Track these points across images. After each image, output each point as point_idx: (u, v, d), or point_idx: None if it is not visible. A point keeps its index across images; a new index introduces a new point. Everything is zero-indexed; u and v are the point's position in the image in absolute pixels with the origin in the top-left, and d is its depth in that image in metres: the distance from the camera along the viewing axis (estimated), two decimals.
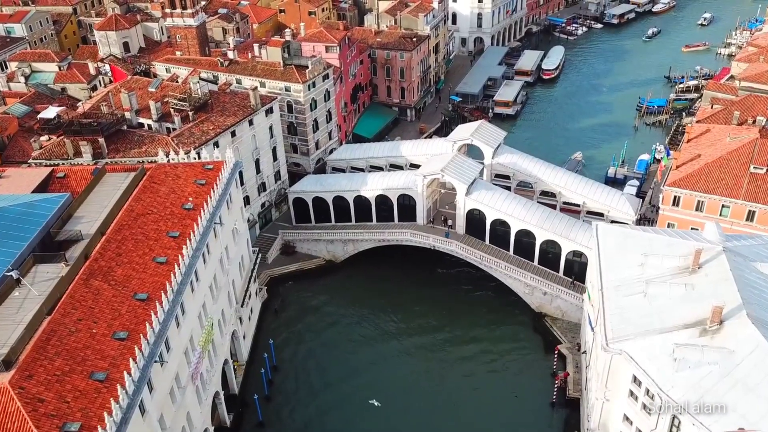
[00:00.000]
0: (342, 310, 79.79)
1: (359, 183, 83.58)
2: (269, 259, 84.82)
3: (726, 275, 52.62)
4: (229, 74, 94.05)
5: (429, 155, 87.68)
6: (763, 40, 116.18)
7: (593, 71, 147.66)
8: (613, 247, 61.08)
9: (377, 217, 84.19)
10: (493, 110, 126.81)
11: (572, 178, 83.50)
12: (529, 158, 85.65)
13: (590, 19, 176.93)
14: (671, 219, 78.18)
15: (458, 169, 78.52)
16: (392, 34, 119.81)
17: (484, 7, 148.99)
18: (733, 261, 54.30)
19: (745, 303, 49.12)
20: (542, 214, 76.43)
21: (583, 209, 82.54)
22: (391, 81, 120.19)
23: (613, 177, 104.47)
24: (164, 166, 63.63)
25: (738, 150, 77.30)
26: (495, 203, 76.89)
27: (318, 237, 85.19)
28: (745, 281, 52.18)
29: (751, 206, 73.69)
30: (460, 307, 79.26)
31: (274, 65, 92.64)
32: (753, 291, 51.41)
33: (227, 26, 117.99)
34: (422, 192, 79.70)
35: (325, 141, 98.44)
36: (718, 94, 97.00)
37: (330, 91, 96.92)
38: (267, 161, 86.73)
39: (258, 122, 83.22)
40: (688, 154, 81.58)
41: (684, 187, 76.05)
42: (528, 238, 76.62)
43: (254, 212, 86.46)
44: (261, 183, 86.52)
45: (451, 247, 78.69)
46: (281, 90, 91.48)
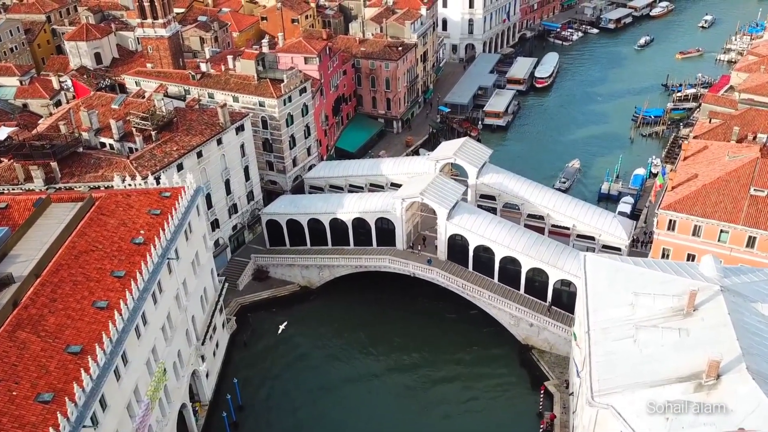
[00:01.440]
0: (315, 343, 74.90)
1: (335, 205, 78.75)
2: (240, 286, 79.99)
3: (724, 319, 47.81)
4: (200, 88, 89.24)
5: (411, 174, 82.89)
6: (763, 48, 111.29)
7: (588, 79, 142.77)
8: (601, 283, 56.29)
9: (355, 241, 79.41)
10: (483, 121, 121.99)
11: (561, 199, 78.59)
12: (515, 178, 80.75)
13: (586, 24, 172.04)
14: (666, 244, 73.42)
15: (439, 192, 73.67)
16: (377, 42, 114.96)
17: (476, 13, 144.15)
18: (731, 303, 49.46)
19: (745, 354, 44.31)
20: (528, 240, 71.57)
21: (573, 232, 77.69)
22: (376, 92, 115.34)
23: (607, 193, 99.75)
24: (116, 195, 58.79)
25: (737, 170, 72.49)
26: (478, 228, 72.03)
27: (292, 262, 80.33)
28: (745, 327, 47.33)
29: (752, 232, 68.89)
30: (442, 338, 74.41)
31: (248, 78, 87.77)
32: (753, 338, 46.55)
33: (205, 35, 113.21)
34: (401, 216, 74.86)
35: (303, 157, 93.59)
36: (716, 108, 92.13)
37: (308, 105, 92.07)
38: (238, 181, 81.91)
39: (228, 141, 78.39)
40: (684, 173, 76.69)
41: (680, 210, 71.25)
42: (513, 266, 71.79)
43: (225, 235, 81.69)
44: (232, 204, 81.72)
45: (431, 274, 73.83)
46: (255, 105, 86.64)
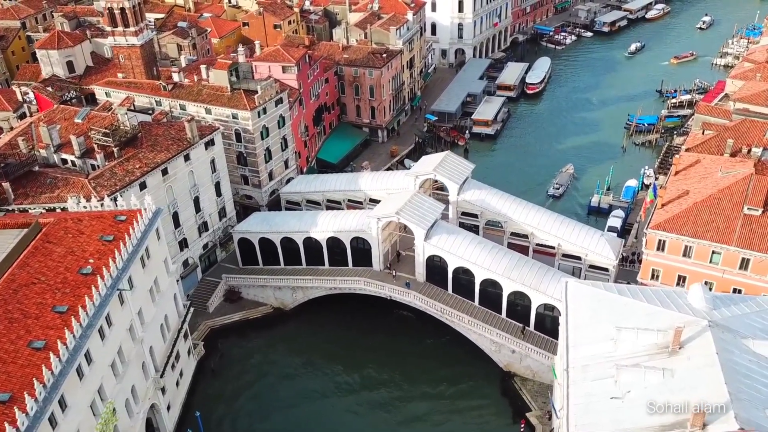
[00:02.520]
0: (287, 369, 71.28)
1: (309, 223, 75.13)
2: (210, 308, 76.39)
3: (711, 359, 44.19)
4: (172, 99, 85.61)
5: (390, 190, 79.25)
6: (759, 54, 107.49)
7: (581, 84, 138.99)
8: (583, 314, 52.67)
9: (330, 261, 75.82)
10: (471, 130, 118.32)
11: (546, 217, 74.90)
12: (498, 194, 77.09)
13: (580, 27, 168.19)
14: (656, 265, 69.93)
15: (416, 211, 70.05)
16: (361, 49, 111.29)
17: (465, 17, 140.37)
18: (720, 340, 45.84)
19: (734, 399, 40.68)
20: (510, 261, 67.92)
21: (559, 252, 74.07)
22: (360, 100, 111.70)
23: (597, 206, 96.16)
24: (65, 221, 55.15)
25: (730, 187, 68.91)
26: (457, 249, 68.40)
27: (264, 283, 76.70)
28: (734, 368, 43.68)
29: (745, 254, 65.29)
30: (420, 363, 70.84)
31: (221, 89, 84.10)
32: (743, 381, 42.90)
33: (182, 42, 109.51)
34: (377, 235, 71.24)
35: (280, 171, 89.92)
36: (709, 119, 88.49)
37: (285, 116, 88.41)
38: (209, 198, 78.27)
39: (196, 156, 74.75)
40: (675, 189, 73.12)
41: (669, 230, 67.70)
42: (494, 289, 68.19)
43: (195, 255, 78.06)
44: (202, 222, 78.10)
45: (408, 298, 70.21)
46: (228, 117, 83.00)
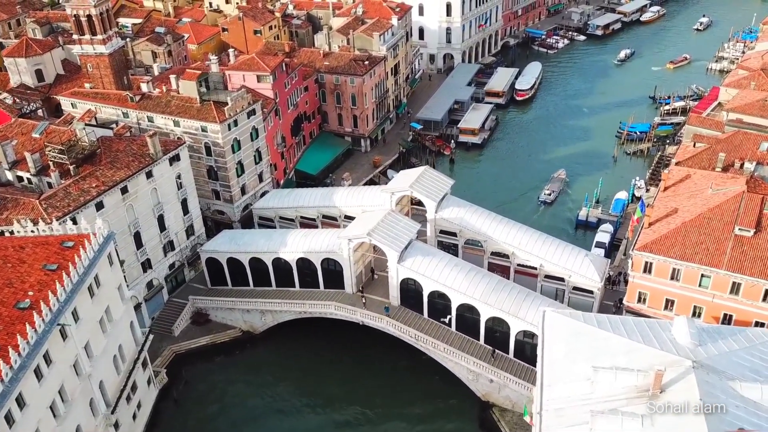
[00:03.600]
0: (255, 399, 67.60)
1: (277, 243, 71.45)
2: (176, 331, 72.72)
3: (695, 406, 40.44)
4: (140, 111, 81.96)
5: (365, 207, 75.61)
6: (754, 61, 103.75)
7: (572, 90, 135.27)
8: (559, 350, 49.01)
9: (300, 283, 72.19)
10: (457, 139, 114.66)
11: (527, 236, 71.17)
12: (478, 212, 73.38)
13: (572, 31, 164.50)
14: (643, 288, 66.44)
15: (390, 231, 66.39)
16: (342, 56, 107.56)
17: (453, 21, 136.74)
18: (704, 384, 42.13)
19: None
20: (488, 285, 64.21)
21: (541, 273, 70.40)
22: (342, 108, 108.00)
23: (585, 220, 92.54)
24: (5, 248, 51.48)
25: (721, 206, 65.34)
26: (432, 272, 64.72)
27: (232, 305, 73.05)
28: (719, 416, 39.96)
29: (736, 278, 61.62)
30: (394, 393, 67.20)
31: (191, 101, 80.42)
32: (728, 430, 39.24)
33: (157, 49, 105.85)
34: (349, 257, 67.57)
35: (254, 184, 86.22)
36: (701, 130, 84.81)
37: (258, 128, 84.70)
38: (175, 216, 74.58)
39: (160, 173, 71.05)
40: (663, 207, 69.53)
41: (656, 252, 64.13)
42: (472, 314, 64.53)
43: (160, 276, 74.38)
44: (168, 241, 74.41)
45: (381, 323, 66.52)
46: (197, 130, 79.36)
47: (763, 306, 61.57)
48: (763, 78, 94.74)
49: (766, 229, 62.86)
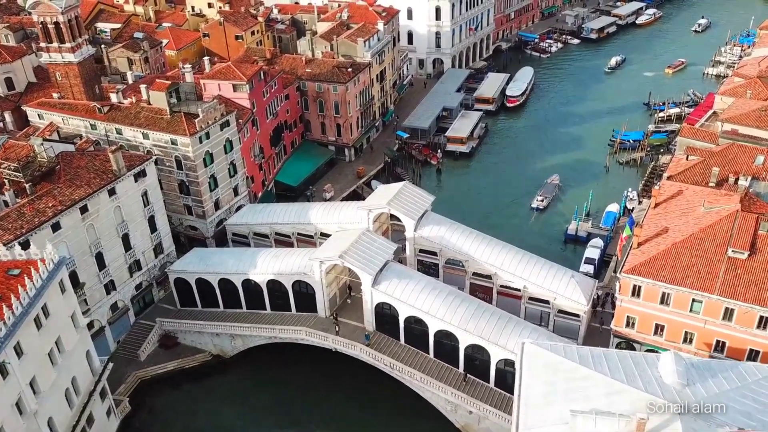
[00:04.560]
0: (223, 429, 63.97)
1: (247, 264, 67.92)
2: (142, 355, 69.15)
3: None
4: (108, 123, 78.47)
5: (341, 224, 72.18)
6: (751, 68, 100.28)
7: (565, 96, 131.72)
8: (537, 389, 45.50)
9: (271, 305, 68.71)
10: (444, 147, 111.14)
11: (511, 255, 67.67)
12: (460, 230, 69.88)
13: (566, 34, 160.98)
14: (631, 312, 63.16)
15: (364, 253, 62.86)
16: (325, 63, 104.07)
17: (443, 26, 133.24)
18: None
19: None
20: (467, 310, 60.66)
21: (525, 295, 66.94)
22: (325, 117, 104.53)
23: (575, 235, 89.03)
24: None
25: (713, 226, 61.93)
26: (408, 296, 61.20)
27: (201, 329, 69.53)
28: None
29: (729, 303, 58.14)
30: (370, 421, 63.65)
31: (161, 112, 76.93)
32: None
33: (133, 56, 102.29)
34: (321, 279, 64.08)
35: (228, 199, 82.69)
36: (694, 142, 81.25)
37: (233, 140, 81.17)
38: (141, 234, 71.06)
39: (124, 190, 67.55)
40: (653, 225, 66.20)
41: (645, 275, 60.73)
42: (450, 341, 61.00)
43: (125, 297, 70.87)
44: (134, 261, 70.91)
45: (354, 351, 62.98)
46: (167, 143, 75.87)
47: (758, 333, 58.13)
48: (760, 86, 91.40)
49: (761, 251, 59.47)
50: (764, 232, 60.13)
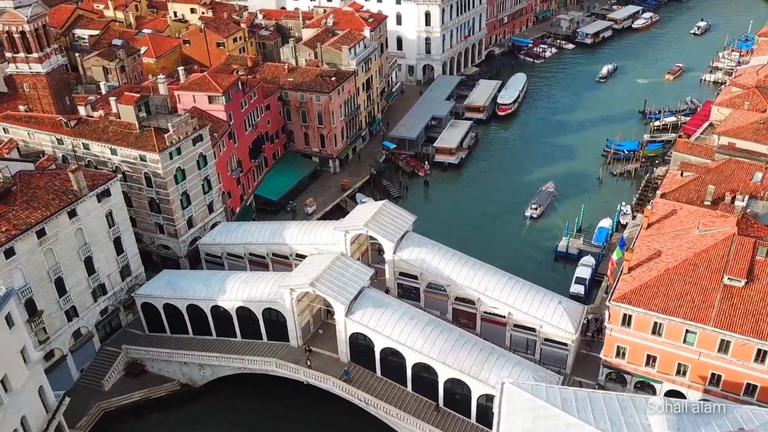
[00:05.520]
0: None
1: (216, 289, 64.28)
2: (107, 385, 65.47)
3: None
4: (75, 138, 74.87)
5: (317, 245, 68.64)
6: (749, 77, 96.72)
7: (558, 104, 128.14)
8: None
9: (242, 332, 65.10)
10: (433, 158, 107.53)
11: (495, 280, 64.01)
12: (442, 252, 66.21)
13: (561, 39, 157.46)
14: (621, 342, 59.74)
15: (337, 280, 59.21)
16: (308, 71, 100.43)
17: (433, 31, 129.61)
18: None
19: None
20: (447, 341, 56.98)
21: (510, 321, 63.37)
22: (308, 127, 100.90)
23: (565, 252, 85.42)
24: None
25: (708, 251, 58.47)
26: (384, 326, 57.57)
27: (168, 357, 65.87)
28: None
29: (725, 335, 54.60)
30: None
31: (130, 126, 73.31)
32: None
33: (108, 65, 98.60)
34: (292, 308, 60.45)
35: (203, 216, 79.04)
36: (689, 158, 77.66)
37: (207, 154, 77.54)
38: (106, 257, 67.39)
39: (85, 211, 63.87)
40: (645, 248, 62.72)
41: (636, 303, 57.33)
42: (429, 374, 57.35)
43: (89, 323, 67.17)
44: (98, 285, 67.20)
45: (327, 385, 59.33)
46: (136, 159, 72.25)
47: (756, 367, 54.61)
48: (758, 97, 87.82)
49: (759, 279, 55.99)
50: (762, 258, 56.75)
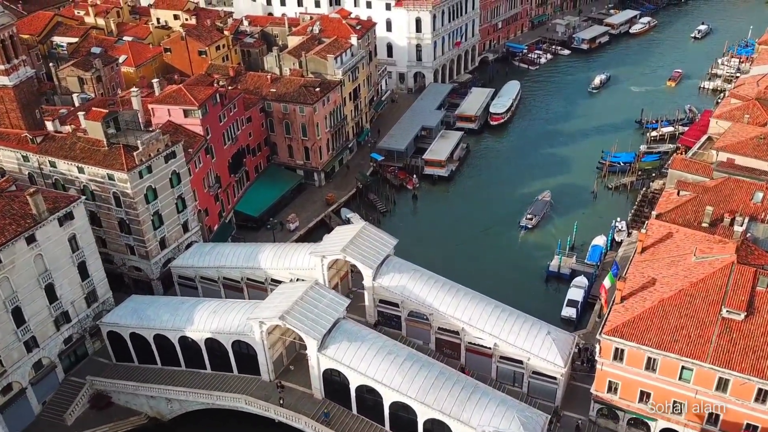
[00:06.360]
0: None
1: (184, 319, 60.63)
2: (69, 419, 61.77)
3: None
4: (41, 155, 71.27)
5: (293, 270, 65.07)
6: (749, 88, 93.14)
7: (552, 113, 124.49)
8: None
9: (211, 364, 61.48)
10: (422, 171, 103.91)
11: (480, 309, 60.31)
12: (424, 278, 62.55)
13: (556, 45, 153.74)
14: (613, 377, 56.18)
15: (309, 312, 55.52)
16: (292, 81, 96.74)
17: (424, 38, 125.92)
18: None
19: None
20: (427, 380, 53.23)
21: (496, 353, 59.74)
22: (292, 139, 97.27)
23: (557, 272, 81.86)
24: None
25: (706, 281, 55.07)
26: (360, 363, 53.88)
27: (134, 390, 62.22)
28: None
29: (723, 373, 51.01)
30: None
31: (98, 143, 69.71)
32: None
33: (84, 75, 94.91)
34: (262, 340, 56.80)
35: (177, 236, 75.39)
36: (686, 175, 74.03)
37: (180, 172, 73.90)
38: (70, 283, 63.68)
39: (46, 236, 60.21)
40: (638, 276, 59.32)
41: (629, 337, 53.89)
42: (408, 413, 53.68)
43: (51, 353, 63.47)
44: (61, 313, 63.54)
45: (299, 424, 55.67)
46: (104, 178, 68.64)
47: (757, 407, 51.04)
48: (759, 109, 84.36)
49: (760, 312, 52.53)
50: (763, 289, 53.27)
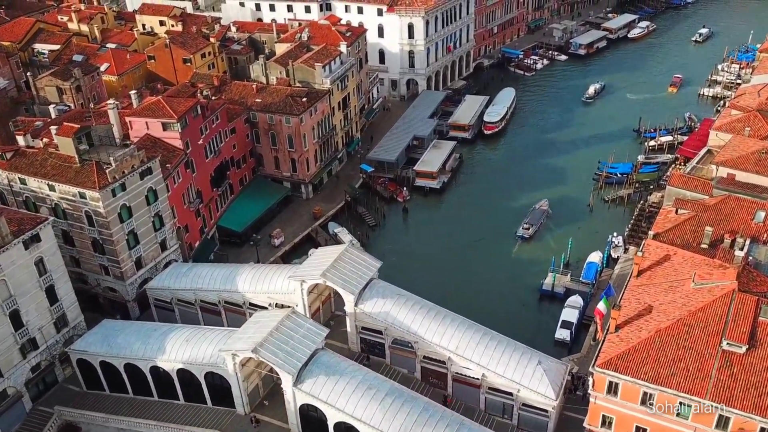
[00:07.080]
0: None
1: (155, 348, 57.55)
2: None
3: None
4: (10, 172, 68.20)
5: (271, 294, 62.03)
6: (749, 98, 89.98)
7: (548, 121, 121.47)
8: None
9: (184, 395, 58.38)
10: (413, 182, 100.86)
11: (468, 337, 57.20)
12: (409, 304, 59.43)
13: (553, 50, 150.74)
14: (607, 411, 53.02)
15: (284, 343, 52.37)
16: (278, 91, 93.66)
17: (416, 44, 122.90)
18: None
19: None
20: (409, 417, 50.07)
21: (484, 384, 56.67)
22: (278, 150, 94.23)
23: (551, 291, 78.93)
24: None
25: (705, 310, 52.08)
26: (338, 398, 50.76)
27: (103, 422, 59.17)
28: None
29: (724, 410, 47.89)
30: None
31: (70, 160, 66.65)
32: None
33: (63, 85, 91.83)
34: (236, 373, 53.70)
35: (154, 255, 72.33)
36: (685, 192, 70.89)
37: (157, 188, 70.84)
38: (37, 308, 60.61)
39: (10, 260, 57.13)
40: (633, 302, 56.29)
41: (623, 370, 50.76)
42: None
43: (17, 382, 60.37)
44: (28, 340, 60.49)
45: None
46: (75, 196, 65.57)
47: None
48: (760, 121, 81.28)
49: (763, 344, 49.40)
50: (766, 319, 50.19)
